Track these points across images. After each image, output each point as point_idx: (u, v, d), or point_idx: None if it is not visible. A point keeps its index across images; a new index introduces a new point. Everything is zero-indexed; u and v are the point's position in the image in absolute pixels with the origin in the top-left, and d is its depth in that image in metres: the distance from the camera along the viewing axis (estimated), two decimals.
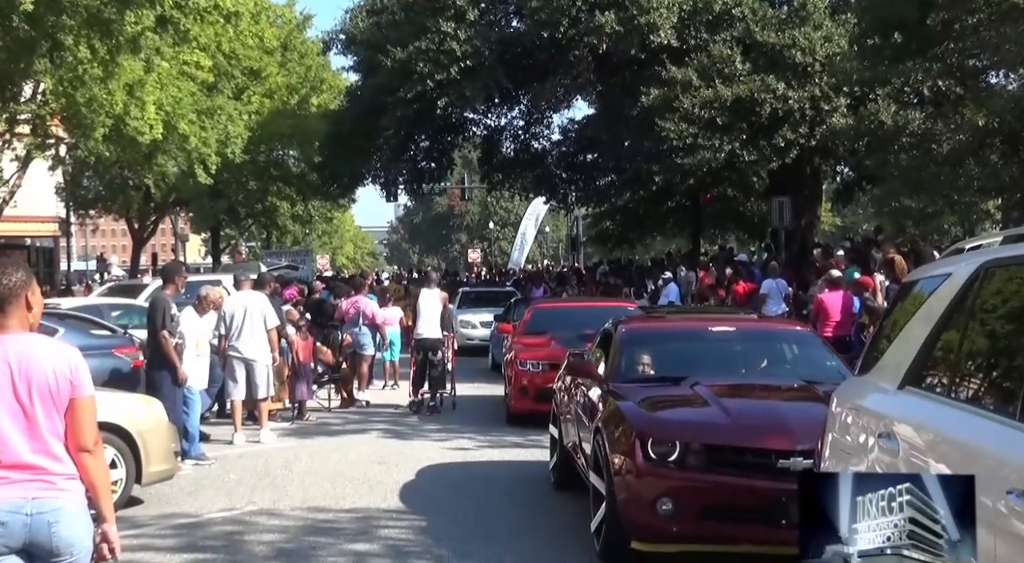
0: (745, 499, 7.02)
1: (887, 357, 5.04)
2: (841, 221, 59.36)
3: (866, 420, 4.86)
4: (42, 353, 4.06)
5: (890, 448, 4.40)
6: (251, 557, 7.95)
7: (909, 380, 4.63)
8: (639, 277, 29.45)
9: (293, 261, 43.17)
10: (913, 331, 4.80)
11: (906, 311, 5.12)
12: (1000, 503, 3.43)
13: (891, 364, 4.90)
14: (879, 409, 4.80)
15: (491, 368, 21.90)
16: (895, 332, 5.10)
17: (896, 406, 4.64)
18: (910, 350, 4.71)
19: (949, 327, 4.45)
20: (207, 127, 33.68)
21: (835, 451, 5.19)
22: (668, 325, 10.71)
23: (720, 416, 7.55)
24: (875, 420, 4.72)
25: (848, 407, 5.23)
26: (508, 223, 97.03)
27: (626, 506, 7.26)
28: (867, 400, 5.04)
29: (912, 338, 4.76)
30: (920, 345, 4.62)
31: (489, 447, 12.92)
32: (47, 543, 3.94)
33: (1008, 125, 16.35)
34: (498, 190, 38.93)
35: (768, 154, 23.41)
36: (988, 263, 4.31)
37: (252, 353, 13.23)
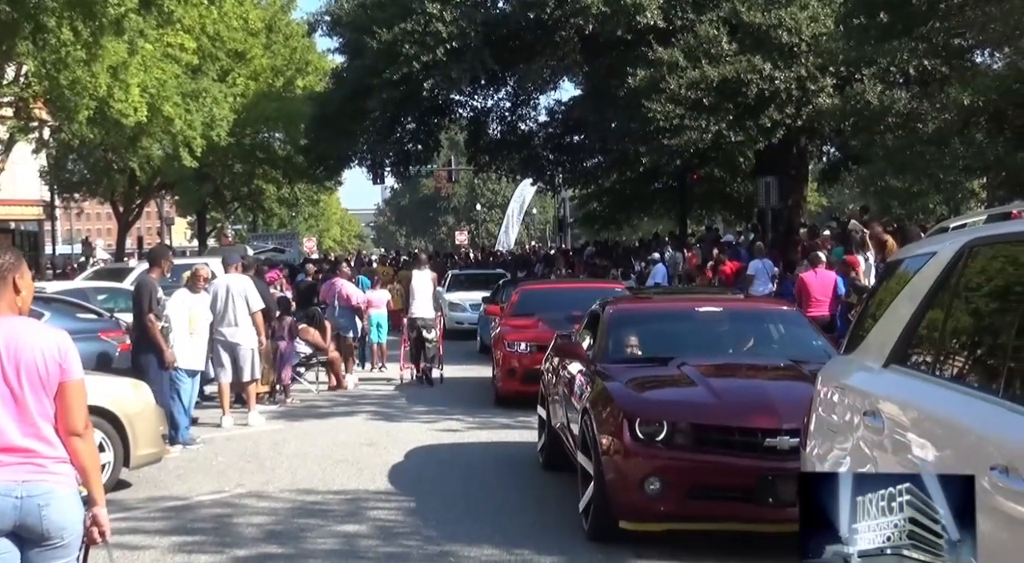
0: (732, 478, 7.08)
1: (872, 336, 5.05)
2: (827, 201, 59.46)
3: (851, 398, 4.88)
4: (31, 336, 4.06)
5: (875, 426, 4.43)
6: (240, 539, 7.96)
7: (894, 358, 4.63)
8: (626, 258, 29.49)
9: (280, 244, 43.17)
10: (898, 310, 4.81)
11: (891, 290, 5.12)
12: (984, 480, 3.43)
13: (876, 343, 4.92)
14: (864, 387, 4.81)
15: (479, 350, 21.91)
16: (880, 311, 5.11)
17: (881, 384, 4.65)
18: (895, 329, 4.72)
19: (934, 305, 4.46)
20: (192, 109, 33.51)
21: (821, 430, 5.20)
22: (655, 306, 10.77)
23: (707, 396, 7.61)
24: (860, 398, 4.73)
25: (834, 386, 5.24)
26: (495, 205, 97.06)
27: (614, 486, 7.30)
28: (852, 379, 5.06)
29: (897, 317, 4.77)
30: (905, 324, 4.62)
31: (477, 428, 12.94)
32: (37, 526, 3.95)
33: (993, 104, 16.40)
34: (485, 172, 38.95)
35: (754, 135, 23.43)
36: (972, 242, 4.31)
37: (236, 336, 13.21)
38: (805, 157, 28.01)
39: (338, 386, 16.95)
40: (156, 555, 7.54)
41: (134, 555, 7.41)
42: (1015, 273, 3.97)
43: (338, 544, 7.76)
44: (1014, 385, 3.58)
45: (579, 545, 7.54)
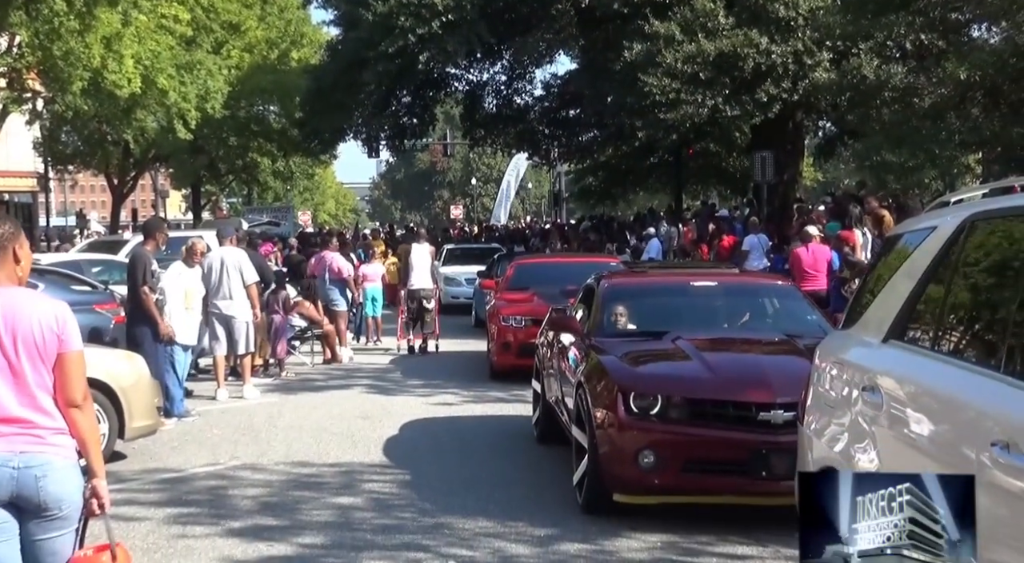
0: (726, 451, 7.10)
1: (871, 311, 5.02)
2: (823, 176, 59.44)
3: (850, 374, 4.85)
4: (29, 306, 4.03)
5: (874, 401, 4.40)
6: (235, 511, 7.97)
7: (893, 334, 4.60)
8: (621, 233, 29.46)
9: (274, 217, 43.07)
10: (897, 285, 4.77)
11: (890, 265, 5.09)
12: (984, 455, 3.44)
13: (875, 318, 4.89)
14: (863, 362, 4.78)
15: (474, 324, 21.91)
16: (879, 286, 5.07)
17: (880, 359, 4.62)
18: (894, 304, 4.69)
19: (933, 280, 4.42)
20: (186, 81, 33.39)
21: (818, 405, 5.18)
22: (650, 280, 10.76)
23: (701, 370, 7.61)
24: (859, 373, 4.70)
25: (832, 361, 5.21)
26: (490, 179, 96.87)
27: (608, 459, 7.32)
28: (851, 354, 5.02)
29: (896, 292, 4.74)
30: (904, 299, 4.60)
31: (472, 402, 12.95)
32: (35, 497, 3.94)
33: (990, 79, 16.34)
34: (480, 146, 38.74)
35: (751, 109, 23.34)
36: (973, 216, 4.28)
37: (231, 309, 13.19)
38: (801, 132, 27.93)
39: (333, 359, 16.95)
40: (151, 526, 7.56)
41: (129, 526, 7.42)
42: (1016, 248, 3.94)
43: (333, 516, 7.77)
44: (1015, 360, 3.56)
45: (573, 517, 7.56)
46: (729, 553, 6.72)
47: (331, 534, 7.28)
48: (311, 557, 6.77)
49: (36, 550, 4.00)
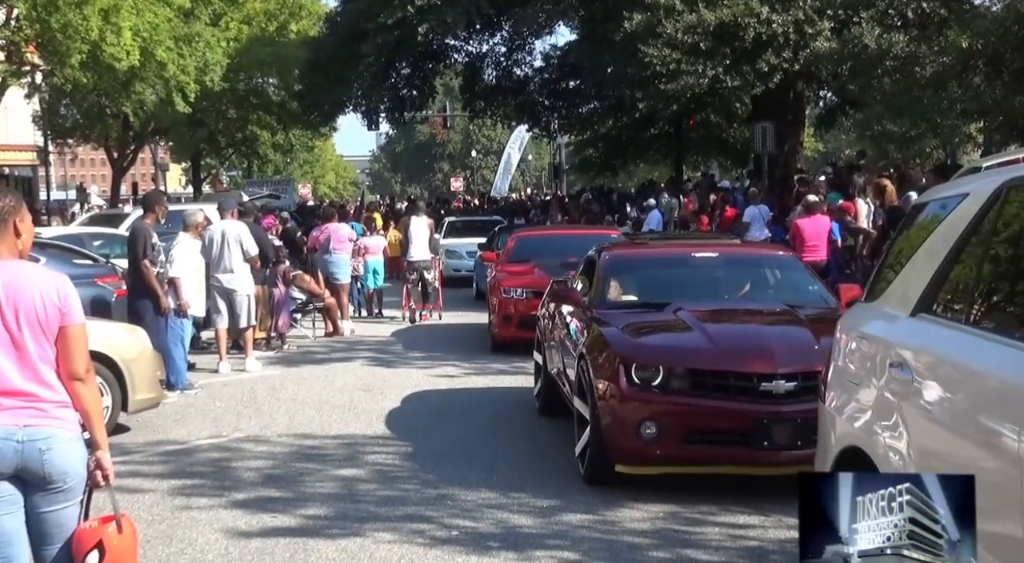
0: (727, 422, 7.12)
1: (898, 283, 4.74)
2: (824, 146, 59.29)
3: (875, 348, 4.60)
4: (30, 280, 4.03)
5: (902, 378, 4.18)
6: (239, 483, 8.01)
7: (922, 306, 4.35)
8: (621, 205, 29.41)
9: (275, 190, 42.96)
10: (925, 255, 4.52)
11: (915, 234, 4.84)
12: None
13: (902, 290, 4.64)
14: (890, 337, 4.53)
15: (475, 297, 21.93)
16: (905, 257, 4.82)
17: (908, 334, 4.38)
18: (922, 275, 4.42)
19: (966, 249, 4.17)
20: (185, 54, 33.24)
21: (840, 381, 4.94)
22: (651, 251, 10.73)
23: (703, 341, 7.61)
24: (885, 348, 4.46)
25: (855, 336, 4.94)
26: (491, 151, 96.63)
27: (610, 430, 7.34)
28: (876, 328, 4.77)
29: (924, 262, 4.49)
30: (934, 270, 4.34)
31: (474, 374, 12.99)
32: (39, 469, 3.96)
33: (992, 47, 16.28)
34: (480, 118, 38.58)
35: (751, 79, 23.22)
36: (1011, 182, 4.02)
37: (232, 283, 13.21)
38: (802, 102, 27.82)
39: (334, 332, 16.98)
40: (156, 498, 7.60)
41: (134, 498, 7.46)
42: None
43: (336, 488, 7.81)
44: None
45: (575, 489, 7.59)
46: (731, 522, 6.76)
47: (334, 505, 7.32)
48: (315, 528, 6.80)
49: (41, 522, 4.03)
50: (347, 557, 6.23)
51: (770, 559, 6.05)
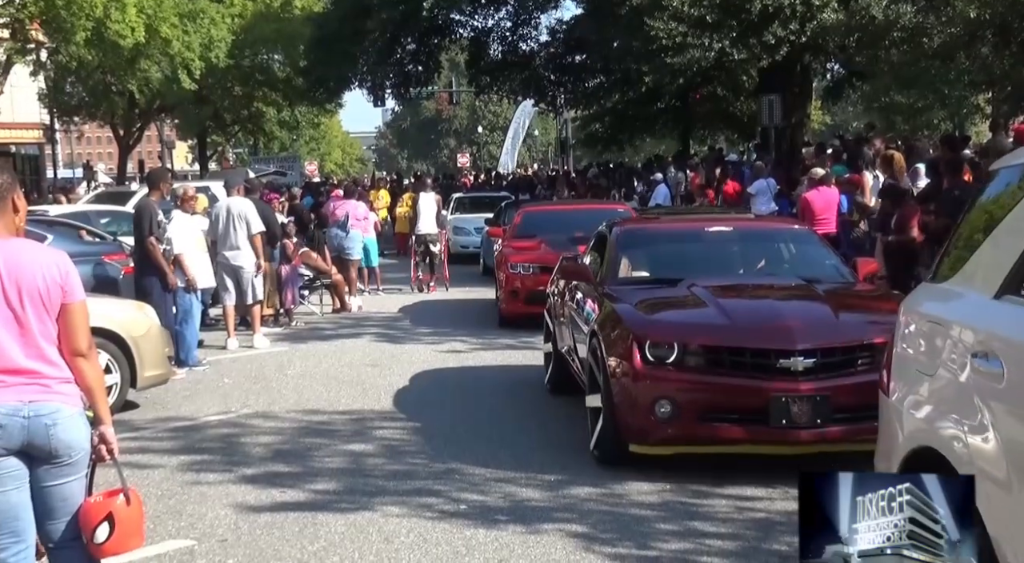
0: (745, 400, 6.93)
1: (977, 261, 4.18)
2: (831, 119, 59.09)
3: (953, 335, 4.04)
4: (31, 258, 4.05)
5: (990, 371, 3.62)
6: (248, 458, 8.04)
7: (1010, 288, 3.78)
8: (628, 179, 29.34)
9: (281, 167, 42.99)
10: (1009, 230, 3.96)
11: (993, 207, 4.28)
12: None
13: (982, 268, 4.09)
14: (971, 322, 3.97)
15: (482, 272, 21.93)
16: (981, 232, 4.27)
17: (995, 319, 3.80)
18: (1010, 251, 3.85)
19: None
20: (190, 31, 33.21)
21: (907, 372, 4.41)
22: (664, 226, 10.46)
23: (718, 316, 7.43)
24: (967, 335, 3.93)
25: (924, 320, 4.38)
26: (497, 127, 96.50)
27: (623, 409, 7.19)
28: (951, 311, 4.20)
29: (1009, 238, 3.93)
30: (1023, 247, 3.78)
31: (481, 349, 12.99)
32: (45, 444, 3.99)
33: (1000, 17, 16.19)
34: (486, 93, 38.49)
35: (758, 52, 23.10)
36: None
37: (239, 260, 13.22)
38: (809, 74, 27.68)
39: (342, 308, 17.00)
40: (166, 473, 7.63)
41: (144, 473, 7.49)
42: None
43: (345, 462, 7.84)
44: None
45: (582, 462, 7.60)
46: (738, 494, 6.77)
47: (343, 480, 7.35)
48: (324, 503, 6.83)
49: (47, 496, 4.06)
50: (356, 531, 6.26)
51: (776, 530, 6.06)
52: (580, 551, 5.87)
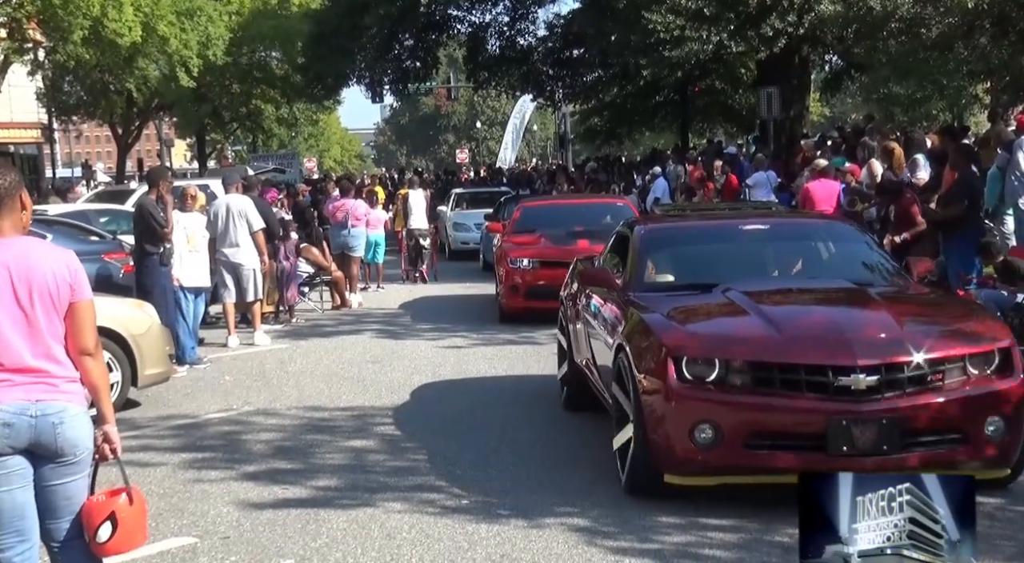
0: (798, 424, 6.10)
1: None
2: (830, 111, 59.06)
3: None
4: (41, 256, 4.07)
5: None
6: (250, 455, 8.05)
7: None
8: (628, 173, 29.33)
9: (280, 164, 42.98)
10: None
11: None
12: None
13: None
14: None
15: (482, 268, 21.92)
16: None
17: None
18: None
19: None
20: (187, 29, 33.17)
21: None
22: (693, 225, 9.33)
23: (764, 327, 6.51)
24: None
25: None
26: (495, 122, 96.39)
27: (658, 434, 6.33)
28: None
29: None
30: None
31: (482, 345, 12.99)
32: (52, 443, 4.00)
33: (998, 6, 16.17)
34: (484, 89, 38.43)
35: (756, 44, 23.11)
36: None
37: (238, 257, 13.21)
38: (807, 66, 27.67)
39: (342, 305, 17.00)
40: (167, 471, 7.65)
41: (146, 471, 7.50)
42: None
43: (346, 459, 7.85)
44: None
45: (585, 456, 7.61)
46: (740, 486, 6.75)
47: (345, 476, 7.36)
48: (326, 499, 6.84)
49: (50, 494, 4.07)
50: (358, 527, 6.27)
51: (778, 522, 6.05)
52: (582, 545, 5.87)
